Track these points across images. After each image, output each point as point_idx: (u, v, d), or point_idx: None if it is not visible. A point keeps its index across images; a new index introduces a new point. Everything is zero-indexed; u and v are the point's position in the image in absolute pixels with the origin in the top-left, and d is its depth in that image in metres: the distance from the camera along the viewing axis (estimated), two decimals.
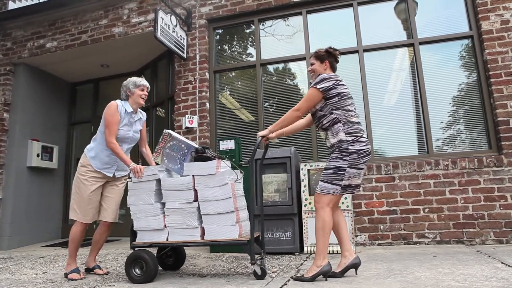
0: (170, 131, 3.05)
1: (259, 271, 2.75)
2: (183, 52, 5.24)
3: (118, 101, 3.24)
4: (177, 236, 2.92)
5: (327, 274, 2.57)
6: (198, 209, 2.90)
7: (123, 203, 3.34)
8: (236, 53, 5.57)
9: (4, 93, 6.10)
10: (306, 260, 3.52)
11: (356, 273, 2.70)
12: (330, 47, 2.88)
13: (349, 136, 2.62)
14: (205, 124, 5.09)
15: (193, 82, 5.26)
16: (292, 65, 5.19)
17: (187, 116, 5.08)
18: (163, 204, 2.99)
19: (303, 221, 4.02)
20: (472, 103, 4.44)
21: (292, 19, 5.23)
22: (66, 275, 3.15)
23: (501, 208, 3.98)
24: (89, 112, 7.18)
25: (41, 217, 6.29)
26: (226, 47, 5.57)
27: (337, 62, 2.91)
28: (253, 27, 5.35)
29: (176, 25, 5.05)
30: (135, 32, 5.64)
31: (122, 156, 3.08)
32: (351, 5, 4.96)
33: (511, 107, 4.15)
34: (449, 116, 4.49)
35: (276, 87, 5.19)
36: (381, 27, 4.85)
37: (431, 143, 4.41)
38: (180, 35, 5.17)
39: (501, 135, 4.12)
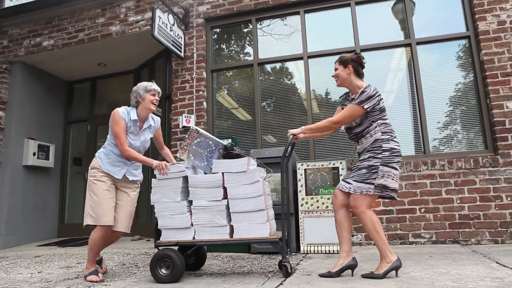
0: (197, 127, 2.99)
1: (290, 269, 2.75)
2: (181, 51, 5.22)
3: (121, 108, 3.15)
4: (205, 235, 2.85)
5: (398, 268, 2.57)
6: (227, 207, 2.86)
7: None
8: (233, 52, 5.56)
9: (0, 92, 6.06)
10: (302, 259, 3.53)
11: (352, 275, 2.70)
12: (356, 53, 2.89)
13: (384, 135, 2.66)
14: (202, 123, 5.08)
15: (190, 81, 5.25)
16: (289, 65, 5.18)
17: (184, 115, 5.07)
18: (190, 202, 2.93)
19: (300, 220, 4.02)
20: (468, 104, 4.45)
21: (289, 19, 5.23)
22: (85, 277, 3.07)
23: (497, 208, 4.00)
24: (86, 111, 7.16)
25: (37, 216, 6.27)
26: (224, 46, 5.56)
27: (363, 67, 2.88)
28: (251, 26, 5.34)
29: (173, 24, 5.03)
30: (133, 31, 5.62)
31: (141, 158, 3.03)
32: (348, 4, 4.96)
33: (507, 107, 4.17)
34: (445, 116, 4.51)
35: (273, 86, 5.19)
36: (379, 27, 4.85)
37: (428, 143, 4.42)
38: (178, 34, 5.16)
39: (497, 135, 4.14)
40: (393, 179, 2.63)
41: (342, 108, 2.88)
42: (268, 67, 5.27)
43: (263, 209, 2.79)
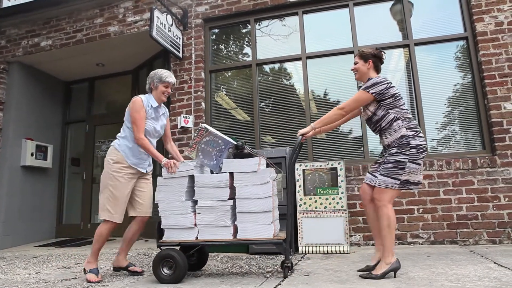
0: (206, 125, 2.95)
1: (292, 269, 2.75)
2: (179, 52, 5.22)
3: (142, 96, 3.12)
4: (208, 235, 2.84)
5: (397, 270, 2.58)
6: (232, 207, 2.84)
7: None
8: (232, 52, 5.56)
9: None
10: (300, 260, 3.53)
11: (395, 276, 2.62)
12: (377, 48, 2.91)
13: (410, 131, 2.65)
14: (200, 123, 5.07)
15: (189, 82, 5.25)
16: (288, 65, 5.19)
17: (182, 115, 5.06)
18: (194, 202, 2.91)
19: (298, 221, 4.02)
20: (466, 104, 4.47)
21: (288, 19, 5.24)
22: (84, 271, 3.04)
23: (494, 208, 4.01)
24: (84, 111, 7.14)
25: (35, 217, 6.25)
26: (222, 46, 5.57)
27: (382, 63, 2.91)
28: (249, 27, 5.34)
29: (172, 25, 5.03)
30: (131, 31, 5.62)
31: (153, 151, 3.01)
32: (347, 5, 4.97)
33: (505, 108, 4.18)
34: (443, 117, 4.52)
35: (272, 87, 5.19)
36: (377, 28, 4.86)
37: (426, 144, 4.42)
38: (176, 35, 5.16)
39: (494, 136, 4.15)
40: (415, 174, 2.65)
41: (363, 110, 2.88)
42: (267, 67, 5.27)
43: (270, 210, 2.78)
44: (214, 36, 5.57)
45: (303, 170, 4.14)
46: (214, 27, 5.52)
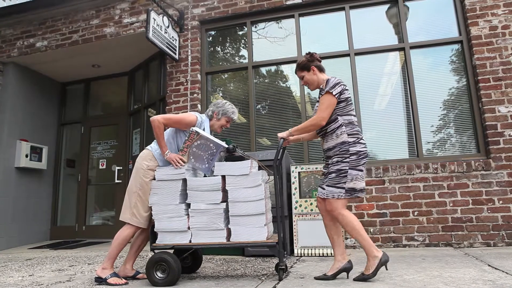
0: (197, 129, 2.94)
1: (286, 272, 2.74)
2: (175, 54, 5.22)
3: (200, 116, 3.10)
4: (201, 238, 2.83)
5: (387, 262, 2.55)
6: (225, 210, 2.83)
7: (111, 204, 3.27)
8: (228, 55, 5.56)
9: None
10: (296, 262, 3.53)
11: (348, 277, 2.70)
12: (307, 53, 2.89)
13: (351, 138, 2.65)
14: (191, 127, 5.06)
15: (185, 84, 5.24)
16: (284, 68, 5.20)
17: None
18: (188, 205, 2.90)
19: (293, 223, 4.02)
20: (461, 107, 4.50)
21: (284, 22, 5.25)
22: (100, 280, 2.88)
23: (489, 211, 4.03)
24: (80, 112, 7.11)
25: (29, 219, 6.21)
26: (219, 48, 5.57)
27: (320, 61, 2.90)
28: (246, 29, 5.35)
29: (168, 26, 5.03)
30: (127, 33, 5.61)
31: (161, 140, 2.96)
32: (343, 8, 4.99)
33: (499, 111, 4.21)
34: (439, 120, 4.54)
35: (268, 89, 5.20)
36: (373, 31, 4.89)
37: (421, 147, 4.45)
38: (172, 36, 5.16)
39: (489, 139, 4.18)
40: (359, 180, 2.64)
41: (314, 111, 2.87)
42: (263, 70, 5.28)
43: (263, 213, 2.78)
44: (210, 38, 5.57)
45: (299, 172, 4.14)
46: (210, 29, 5.52)
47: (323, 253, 3.85)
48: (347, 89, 2.74)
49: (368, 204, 4.30)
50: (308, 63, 2.85)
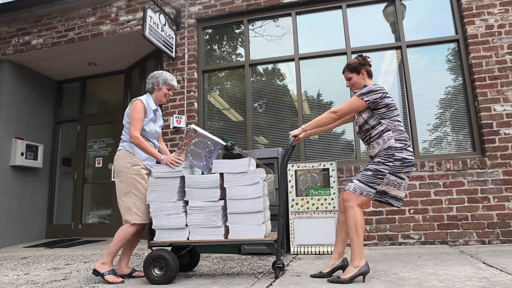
0: (195, 126, 2.92)
1: (283, 270, 2.74)
2: (172, 52, 5.20)
3: (143, 98, 3.10)
4: (199, 235, 2.82)
5: (366, 274, 2.51)
6: (223, 207, 2.83)
7: (107, 203, 3.26)
8: (225, 53, 5.55)
9: None
10: (292, 260, 3.53)
11: (364, 280, 2.66)
12: (360, 55, 2.84)
13: (398, 143, 2.57)
14: (193, 124, 5.06)
15: (182, 82, 5.23)
16: (281, 66, 5.20)
17: (175, 115, 5.04)
18: (186, 202, 2.89)
19: (290, 221, 4.03)
20: (457, 106, 4.51)
21: (281, 20, 5.25)
22: (97, 273, 2.89)
23: (484, 209, 4.05)
24: (76, 110, 7.08)
25: (25, 217, 6.18)
26: (215, 47, 5.56)
27: (371, 66, 2.85)
28: (243, 27, 5.34)
29: (165, 24, 5.01)
30: (123, 31, 5.58)
31: (150, 150, 2.95)
32: (340, 7, 4.99)
33: (495, 110, 4.23)
34: (435, 119, 4.56)
35: (265, 87, 5.20)
36: (370, 30, 4.89)
37: (417, 145, 4.46)
38: (169, 34, 5.14)
39: (484, 137, 4.20)
40: (395, 187, 2.57)
41: (357, 116, 2.81)
42: (260, 68, 5.27)
43: (261, 211, 2.77)
44: (207, 36, 5.56)
45: (295, 171, 4.15)
46: (207, 27, 5.51)
47: (319, 251, 3.86)
48: (387, 96, 2.65)
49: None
50: (359, 66, 2.79)
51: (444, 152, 4.44)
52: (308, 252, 3.89)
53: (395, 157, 2.54)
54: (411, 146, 2.64)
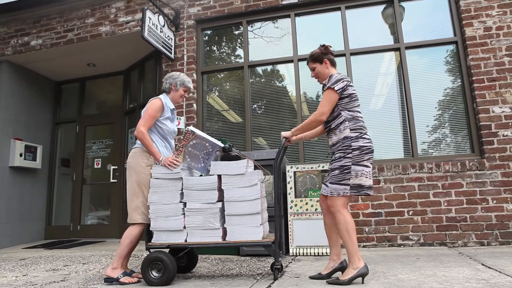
0: (193, 128, 2.92)
1: (282, 271, 2.74)
2: (171, 53, 5.20)
3: (161, 97, 3.12)
4: (197, 237, 2.82)
5: (365, 276, 2.50)
6: (221, 209, 2.83)
7: (106, 204, 3.25)
8: (224, 54, 5.56)
9: None
10: (291, 262, 3.53)
11: (363, 282, 2.66)
12: (322, 45, 2.85)
13: (353, 132, 2.61)
14: (192, 125, 5.06)
15: None
16: (280, 67, 5.20)
17: None
18: (184, 204, 2.89)
19: (289, 223, 4.03)
20: (456, 108, 4.52)
21: (280, 22, 5.25)
22: (111, 280, 2.87)
23: (483, 211, 4.06)
24: (75, 111, 7.07)
25: (23, 218, 6.16)
26: (214, 48, 5.56)
27: (334, 55, 2.87)
28: (242, 28, 5.35)
29: (164, 25, 5.01)
30: (123, 32, 5.58)
31: (151, 148, 2.94)
32: (339, 8, 5.00)
33: (493, 112, 4.24)
34: (434, 120, 4.57)
35: (264, 89, 5.20)
36: (368, 31, 4.90)
37: (416, 146, 4.47)
38: (168, 36, 5.14)
39: (483, 139, 4.21)
40: (367, 177, 2.61)
41: None
42: (259, 69, 5.28)
43: (259, 213, 2.78)
44: (206, 37, 5.57)
45: (294, 172, 4.15)
46: (206, 29, 5.51)
47: (318, 253, 3.86)
48: (351, 85, 2.70)
49: (363, 203, 4.31)
50: (321, 55, 2.81)
51: (443, 154, 4.45)
52: (307, 253, 3.89)
53: (352, 147, 2.59)
54: (367, 133, 2.67)
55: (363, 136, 2.63)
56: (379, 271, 2.89)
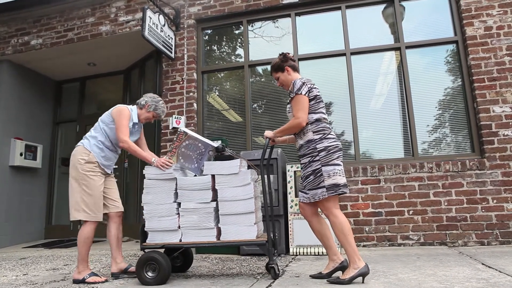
0: (185, 129, 2.96)
1: (277, 270, 2.75)
2: (171, 52, 5.20)
3: (128, 107, 3.19)
4: (191, 237, 2.84)
5: (365, 275, 2.50)
6: (215, 209, 2.85)
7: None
8: (224, 53, 5.56)
9: None
10: (291, 261, 3.53)
11: (363, 281, 2.67)
12: (280, 54, 2.89)
13: (316, 135, 2.64)
14: (192, 124, 5.06)
15: (181, 83, 5.23)
16: None
17: (174, 116, 5.04)
18: (179, 204, 2.91)
19: (289, 222, 4.03)
20: (456, 107, 4.52)
21: (281, 21, 5.25)
22: (78, 281, 2.93)
23: (483, 210, 4.06)
24: (75, 111, 7.07)
25: (24, 218, 6.16)
26: (215, 47, 5.56)
27: (294, 61, 2.90)
28: (242, 28, 5.35)
29: (164, 25, 5.01)
30: (123, 31, 5.58)
31: (140, 153, 3.02)
32: (339, 8, 5.00)
33: (494, 111, 4.24)
34: (434, 120, 4.56)
35: (264, 88, 5.20)
36: (369, 31, 4.90)
37: (416, 146, 4.47)
38: (168, 35, 5.14)
39: (483, 138, 4.20)
40: (340, 175, 2.61)
41: (288, 112, 2.87)
42: (259, 69, 5.28)
43: (253, 212, 2.79)
44: (206, 36, 5.56)
45: (295, 171, 4.15)
46: (206, 28, 5.51)
47: (318, 252, 3.86)
48: (315, 87, 2.73)
49: (363, 203, 4.31)
50: (282, 64, 2.85)
51: (443, 153, 4.45)
52: (307, 253, 3.89)
53: (318, 149, 2.61)
54: (331, 133, 2.68)
55: (326, 137, 2.65)
56: (379, 270, 2.90)
